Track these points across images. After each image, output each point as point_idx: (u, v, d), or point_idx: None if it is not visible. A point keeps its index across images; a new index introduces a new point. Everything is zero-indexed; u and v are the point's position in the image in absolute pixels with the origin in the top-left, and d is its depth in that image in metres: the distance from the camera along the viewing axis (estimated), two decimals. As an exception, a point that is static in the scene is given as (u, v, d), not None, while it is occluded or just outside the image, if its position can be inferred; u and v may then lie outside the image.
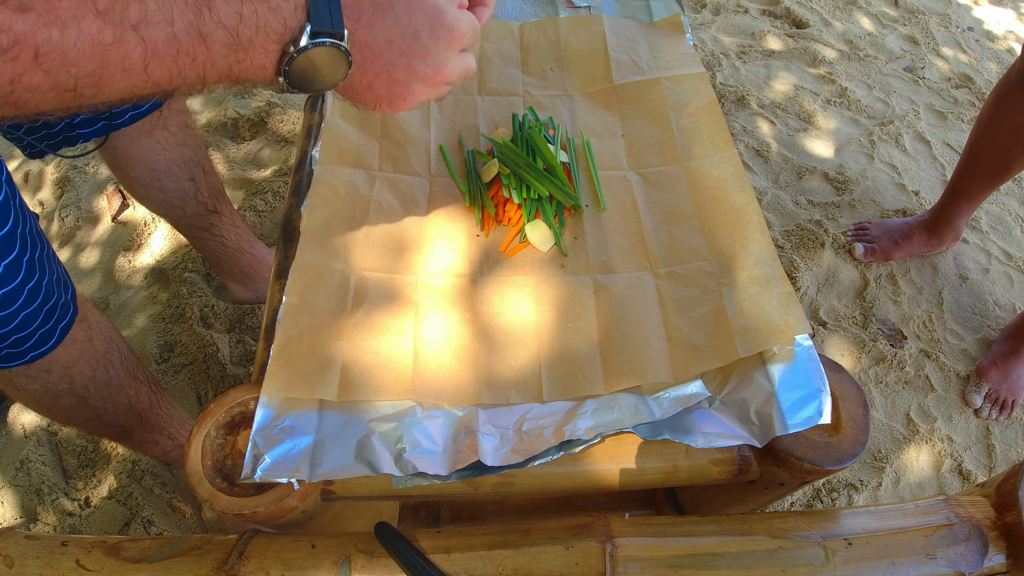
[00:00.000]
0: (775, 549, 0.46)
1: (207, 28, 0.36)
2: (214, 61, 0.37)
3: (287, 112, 1.71)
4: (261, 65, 0.40)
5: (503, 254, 0.64)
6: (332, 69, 0.43)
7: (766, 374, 0.54)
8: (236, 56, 0.38)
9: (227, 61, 0.38)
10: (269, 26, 0.39)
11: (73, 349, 0.75)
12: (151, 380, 0.94)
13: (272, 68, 0.41)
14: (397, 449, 0.50)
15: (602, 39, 0.84)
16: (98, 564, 0.45)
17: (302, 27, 0.40)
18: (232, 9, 0.37)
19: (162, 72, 0.36)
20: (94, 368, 0.79)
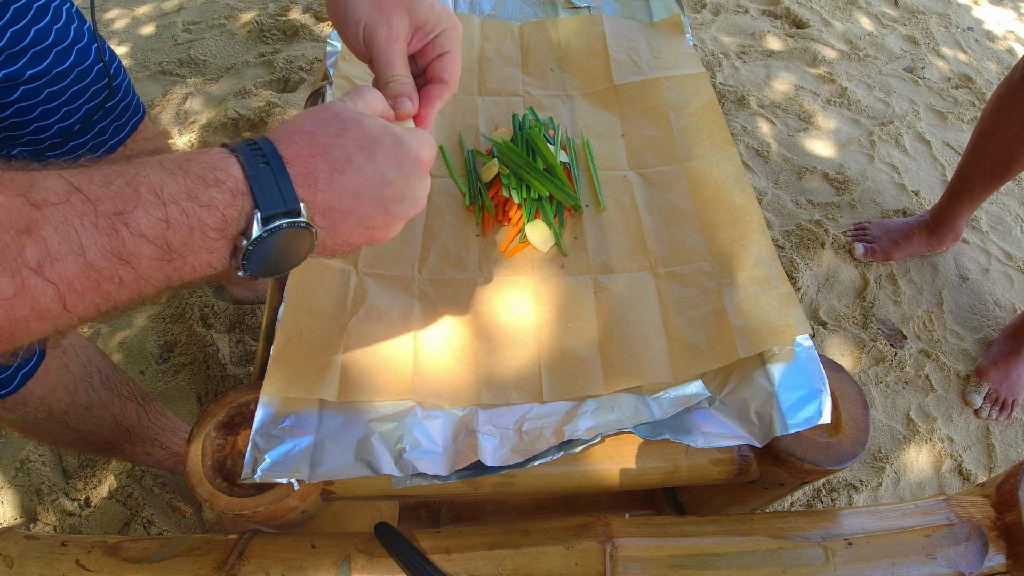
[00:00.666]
0: (775, 549, 0.46)
1: (128, 246, 0.31)
2: (146, 278, 0.32)
3: (287, 112, 1.71)
4: (207, 264, 0.35)
5: (503, 254, 0.64)
6: (296, 247, 0.37)
7: (766, 374, 0.54)
8: (172, 266, 0.33)
9: (163, 274, 0.33)
10: (205, 224, 0.33)
11: (47, 379, 0.73)
12: (137, 394, 0.92)
13: (223, 262, 0.35)
14: (397, 449, 0.50)
15: (602, 39, 0.84)
16: (98, 564, 0.45)
17: (248, 215, 0.34)
18: (154, 217, 0.31)
19: (86, 306, 0.31)
20: (72, 394, 0.77)
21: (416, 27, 0.48)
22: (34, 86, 0.66)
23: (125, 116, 0.80)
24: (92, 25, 0.72)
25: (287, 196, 0.35)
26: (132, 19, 2.10)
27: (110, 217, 0.30)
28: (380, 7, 0.47)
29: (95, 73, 0.72)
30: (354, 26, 0.47)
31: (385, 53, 0.47)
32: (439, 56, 0.50)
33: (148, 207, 0.31)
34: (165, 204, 0.32)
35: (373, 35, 0.47)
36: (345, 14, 0.47)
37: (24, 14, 0.63)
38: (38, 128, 0.70)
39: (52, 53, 0.66)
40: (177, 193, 0.32)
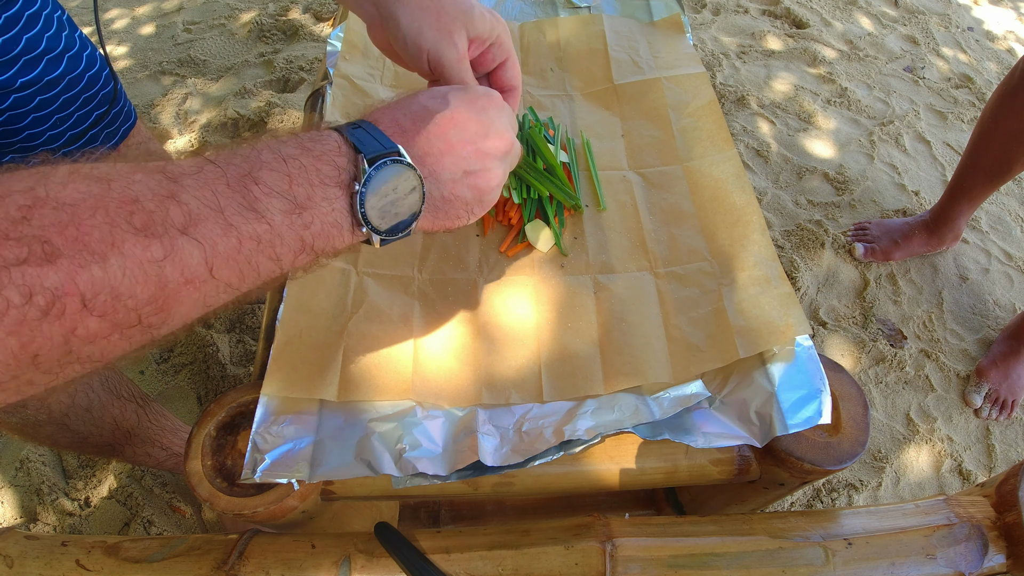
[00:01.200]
0: (775, 549, 0.46)
1: (260, 203, 0.33)
2: (281, 235, 0.34)
3: (287, 112, 1.71)
4: (334, 222, 0.37)
5: (503, 254, 0.64)
6: (407, 192, 0.39)
7: (766, 374, 0.54)
8: (301, 220, 0.35)
9: (294, 230, 0.35)
10: (322, 173, 0.36)
11: None
12: (137, 395, 0.92)
13: (346, 220, 0.37)
14: (397, 449, 0.50)
15: (602, 39, 0.84)
16: (98, 564, 0.45)
17: (355, 161, 0.37)
18: (279, 173, 0.34)
19: (230, 270, 0.32)
20: (72, 396, 0.77)
21: (472, 39, 0.50)
22: (25, 94, 0.66)
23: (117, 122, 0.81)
24: (98, 33, 0.72)
25: (383, 142, 0.38)
26: (132, 19, 2.10)
27: (240, 178, 0.33)
28: (441, 31, 0.48)
29: (86, 81, 0.73)
30: (417, 53, 0.49)
31: (456, 74, 0.49)
32: (500, 65, 0.53)
33: (272, 165, 0.34)
34: (285, 161, 0.35)
35: (440, 59, 0.49)
36: (406, 43, 0.49)
37: (15, 23, 0.63)
38: (29, 136, 0.70)
39: (43, 61, 0.67)
40: (293, 152, 0.35)
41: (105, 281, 0.28)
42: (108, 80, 0.77)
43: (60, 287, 0.27)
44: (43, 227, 0.27)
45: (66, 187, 0.28)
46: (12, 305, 0.25)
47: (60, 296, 0.27)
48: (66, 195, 0.28)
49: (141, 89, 1.84)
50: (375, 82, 0.77)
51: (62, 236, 0.27)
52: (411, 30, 0.48)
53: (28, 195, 0.27)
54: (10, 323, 0.26)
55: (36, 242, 0.26)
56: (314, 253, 0.37)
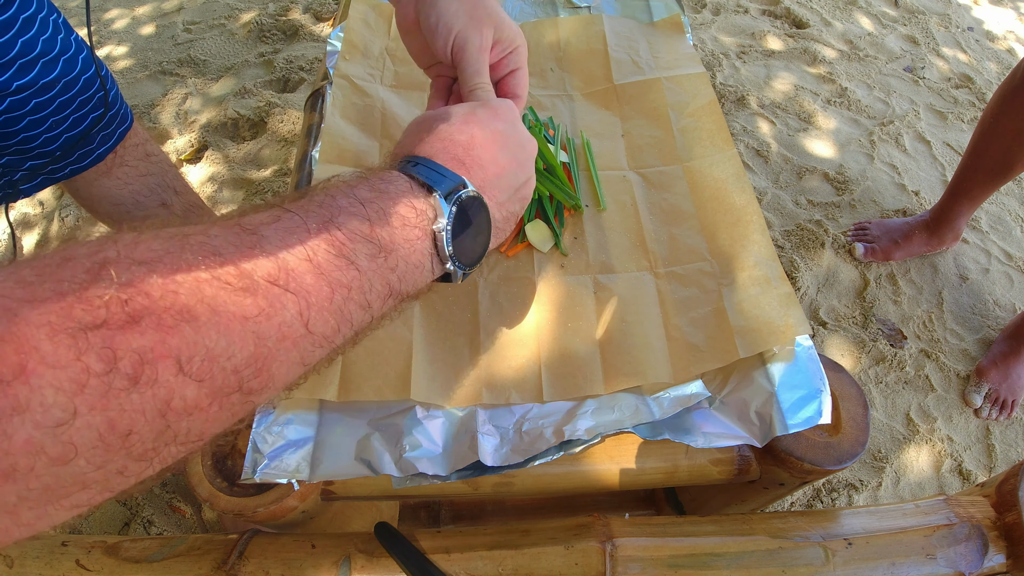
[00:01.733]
0: (775, 549, 0.46)
1: (347, 248, 0.32)
2: (370, 281, 0.33)
3: (287, 112, 1.71)
4: (417, 263, 0.36)
5: (503, 254, 0.64)
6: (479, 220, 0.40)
7: (766, 374, 0.54)
8: (387, 264, 0.34)
9: (381, 275, 0.34)
10: (401, 215, 0.35)
11: None
12: None
13: (427, 260, 0.37)
14: (397, 449, 0.50)
15: (602, 39, 0.84)
16: (98, 564, 0.45)
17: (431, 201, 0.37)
18: (359, 217, 0.33)
19: (325, 322, 0.30)
20: None
21: (496, 41, 0.51)
22: (21, 97, 0.66)
23: (113, 125, 0.81)
24: (88, 36, 0.73)
25: (449, 175, 0.38)
26: (132, 19, 2.10)
27: (322, 225, 0.31)
28: (473, 19, 0.50)
29: (82, 83, 0.73)
30: (445, 33, 0.50)
31: (475, 61, 0.50)
32: (511, 72, 0.54)
33: (351, 210, 0.33)
34: (363, 204, 0.34)
35: (465, 43, 0.50)
36: (436, 21, 0.50)
37: (10, 26, 0.63)
38: (25, 138, 0.70)
39: (39, 64, 0.67)
40: (368, 196, 0.34)
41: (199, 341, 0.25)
42: (104, 82, 0.77)
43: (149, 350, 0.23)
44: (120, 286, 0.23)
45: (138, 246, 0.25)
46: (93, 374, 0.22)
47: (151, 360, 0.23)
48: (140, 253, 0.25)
49: (141, 89, 1.84)
50: (375, 82, 0.77)
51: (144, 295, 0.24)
52: (447, 10, 0.50)
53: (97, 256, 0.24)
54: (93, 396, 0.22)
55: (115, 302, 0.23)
56: (400, 297, 0.36)
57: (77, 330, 0.22)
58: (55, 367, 0.21)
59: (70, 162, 0.79)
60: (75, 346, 0.21)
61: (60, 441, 0.21)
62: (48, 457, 0.21)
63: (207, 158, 1.65)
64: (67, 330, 0.21)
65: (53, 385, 0.21)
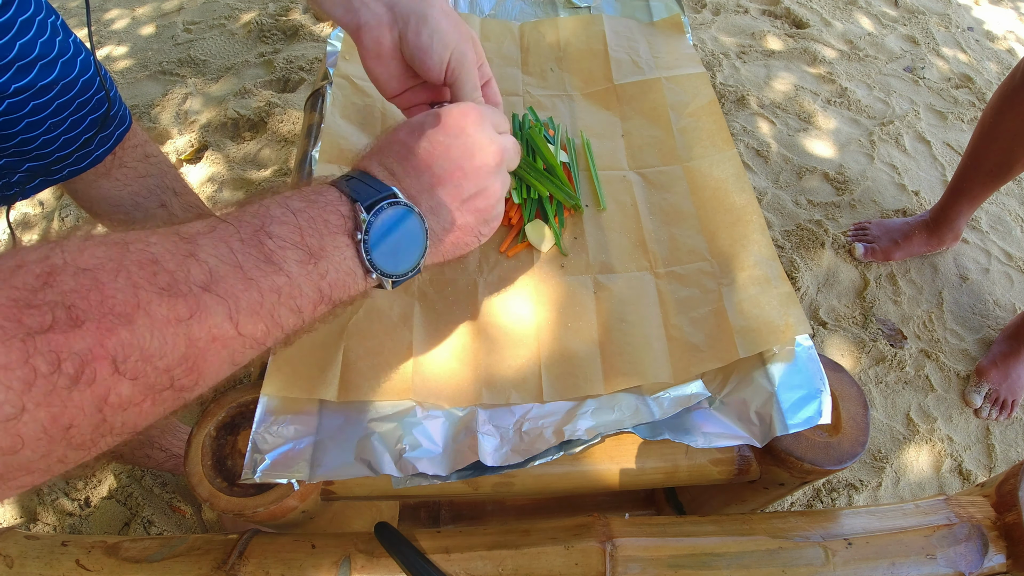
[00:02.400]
0: (775, 549, 0.46)
1: (276, 255, 0.33)
2: (299, 286, 0.34)
3: (287, 112, 1.71)
4: (347, 270, 0.37)
5: (503, 254, 0.64)
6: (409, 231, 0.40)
7: (766, 374, 0.54)
8: (317, 270, 0.35)
9: (311, 280, 0.35)
10: (328, 222, 0.37)
11: None
12: None
13: (358, 267, 0.38)
14: (397, 449, 0.50)
15: (602, 39, 0.84)
16: (98, 564, 0.45)
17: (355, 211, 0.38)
18: (289, 225, 0.35)
19: (254, 325, 0.32)
20: None
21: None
22: (19, 99, 0.67)
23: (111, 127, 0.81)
24: (89, 37, 0.73)
25: (377, 186, 0.39)
26: (132, 19, 2.10)
27: (254, 233, 0.33)
28: (463, 36, 0.51)
29: (80, 85, 0.73)
30: (440, 50, 0.50)
31: (472, 78, 0.52)
32: (486, 83, 0.55)
33: (282, 218, 0.35)
34: (294, 213, 0.35)
35: (463, 60, 0.51)
36: (431, 39, 0.50)
37: (8, 29, 0.64)
38: (23, 140, 0.70)
39: (37, 67, 0.67)
40: (299, 205, 0.36)
41: (134, 343, 0.27)
42: (102, 84, 0.77)
43: (89, 352, 0.25)
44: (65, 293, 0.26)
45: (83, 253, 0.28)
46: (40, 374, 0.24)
47: (90, 361, 0.26)
48: (84, 260, 0.27)
49: (141, 89, 1.84)
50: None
51: (86, 300, 0.26)
52: (439, 29, 0.50)
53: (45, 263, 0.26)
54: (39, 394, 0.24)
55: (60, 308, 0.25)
56: (331, 302, 0.37)
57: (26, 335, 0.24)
58: (6, 369, 0.24)
59: (68, 163, 0.79)
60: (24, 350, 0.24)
61: (9, 434, 0.24)
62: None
63: (207, 158, 1.65)
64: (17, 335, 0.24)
65: (4, 385, 0.23)
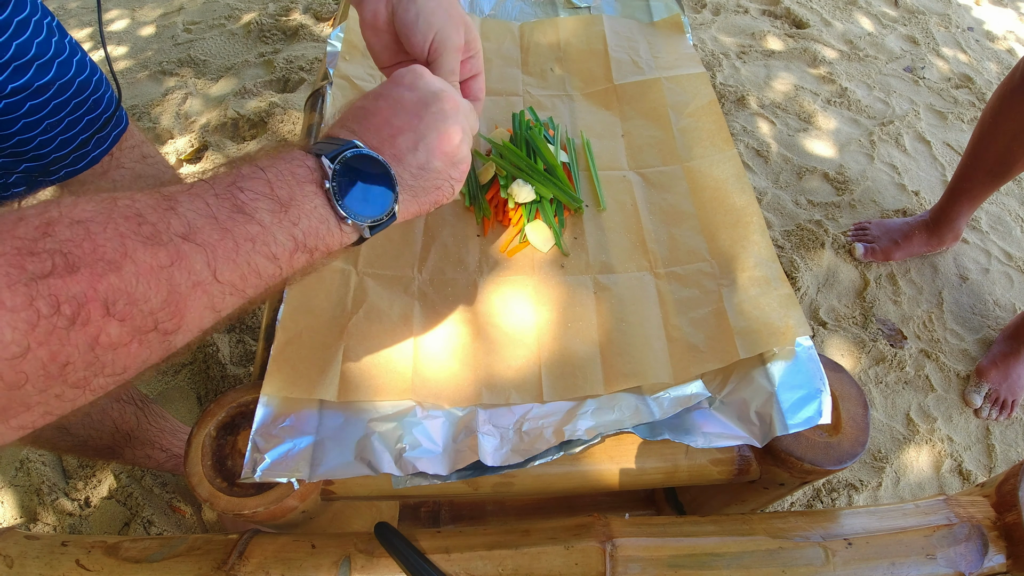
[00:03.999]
0: (775, 549, 0.46)
1: (248, 206, 0.36)
2: (273, 234, 0.37)
3: (287, 112, 1.71)
4: (320, 218, 0.39)
5: (503, 254, 0.64)
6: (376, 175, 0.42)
7: (766, 374, 0.54)
8: (288, 218, 0.38)
9: (284, 228, 0.37)
10: (296, 175, 0.39)
11: None
12: (136, 397, 0.92)
13: (331, 215, 0.40)
14: (397, 449, 0.50)
15: (602, 39, 0.84)
16: (98, 564, 0.45)
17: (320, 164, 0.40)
18: (260, 179, 0.37)
19: (232, 271, 0.35)
20: None
21: (466, 42, 0.54)
22: (15, 100, 0.67)
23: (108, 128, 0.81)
24: (100, 34, 0.73)
25: (337, 142, 0.42)
26: (132, 19, 2.10)
27: (227, 188, 0.36)
28: (451, 18, 0.52)
29: (76, 86, 0.73)
30: (424, 29, 0.52)
31: (451, 60, 0.53)
32: (473, 76, 0.57)
33: (252, 174, 0.38)
34: (263, 169, 0.38)
35: (445, 42, 0.52)
36: (416, 17, 0.52)
37: (4, 29, 0.64)
38: (20, 141, 0.70)
39: (33, 67, 0.67)
40: (268, 163, 0.39)
41: (122, 287, 0.30)
42: (99, 85, 0.77)
43: (83, 295, 0.28)
44: (62, 241, 0.29)
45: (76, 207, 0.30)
46: (42, 316, 0.27)
47: (84, 303, 0.28)
48: (77, 213, 0.30)
49: (141, 89, 1.84)
50: (375, 82, 0.77)
51: (80, 248, 0.29)
52: (426, 8, 0.51)
53: (43, 216, 0.29)
54: (41, 334, 0.27)
55: (58, 255, 0.28)
56: (308, 251, 0.39)
57: (29, 280, 0.27)
58: (13, 311, 0.26)
59: (65, 164, 0.79)
60: (28, 293, 0.27)
61: (15, 370, 0.27)
62: (4, 383, 0.27)
63: (207, 158, 1.65)
64: (22, 280, 0.27)
65: (11, 325, 0.26)
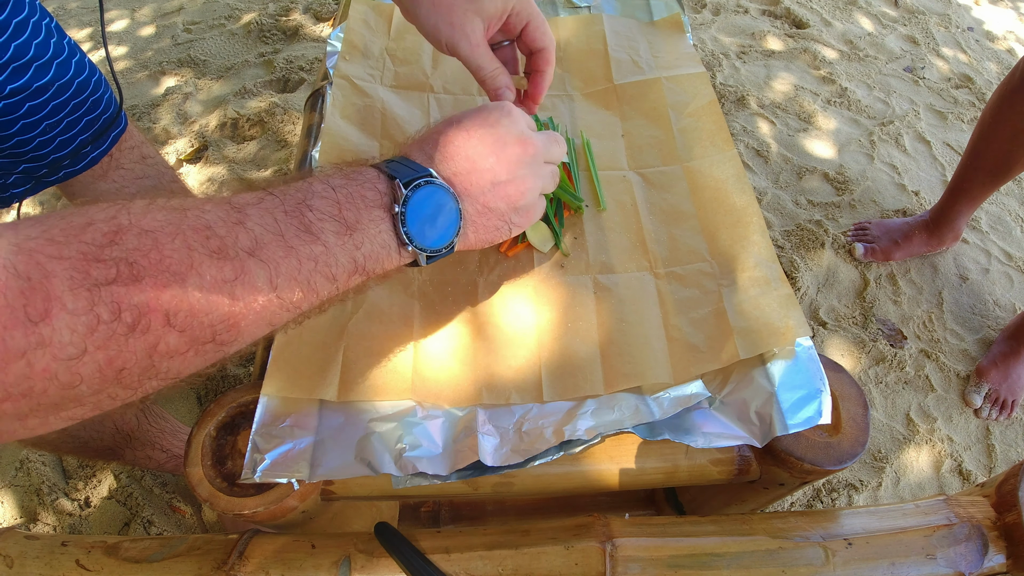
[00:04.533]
0: (775, 549, 0.46)
1: (315, 226, 0.36)
2: (335, 256, 0.37)
3: (287, 112, 1.71)
4: (382, 243, 0.40)
5: (503, 254, 0.64)
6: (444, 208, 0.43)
7: (766, 374, 0.54)
8: (352, 241, 0.38)
9: (347, 251, 0.38)
10: (365, 198, 0.40)
11: None
12: None
13: (393, 241, 0.41)
14: (397, 449, 0.50)
15: (602, 39, 0.84)
16: (98, 564, 0.45)
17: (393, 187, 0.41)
18: (329, 200, 0.38)
19: (292, 289, 0.35)
20: None
21: (487, 21, 0.53)
22: (14, 101, 0.67)
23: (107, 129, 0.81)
24: (102, 34, 0.73)
25: (414, 167, 0.42)
26: (132, 19, 2.10)
27: (296, 205, 0.37)
28: (454, 24, 0.52)
29: (75, 87, 0.73)
30: (436, 44, 0.54)
31: (472, 61, 0.54)
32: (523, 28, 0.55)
33: (322, 194, 0.38)
34: (335, 189, 0.39)
35: (456, 50, 0.53)
36: (426, 35, 0.54)
37: (3, 30, 0.64)
38: (19, 142, 0.70)
39: (32, 68, 0.67)
40: (340, 182, 0.40)
41: (185, 300, 0.30)
42: (97, 86, 0.77)
43: (146, 304, 0.29)
44: (129, 251, 0.29)
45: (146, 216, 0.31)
46: (102, 321, 0.28)
47: (146, 313, 0.29)
48: (147, 223, 0.31)
49: (141, 89, 1.84)
50: (375, 82, 0.77)
51: (147, 259, 0.30)
52: (428, 24, 0.53)
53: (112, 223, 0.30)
54: (99, 338, 0.28)
55: (123, 264, 0.29)
56: (366, 273, 0.40)
57: (93, 286, 0.28)
58: (74, 314, 0.27)
59: (64, 165, 0.79)
60: (90, 298, 0.27)
61: (70, 371, 0.28)
62: (59, 383, 0.27)
63: (207, 158, 1.65)
64: (85, 285, 0.27)
65: (70, 328, 0.27)
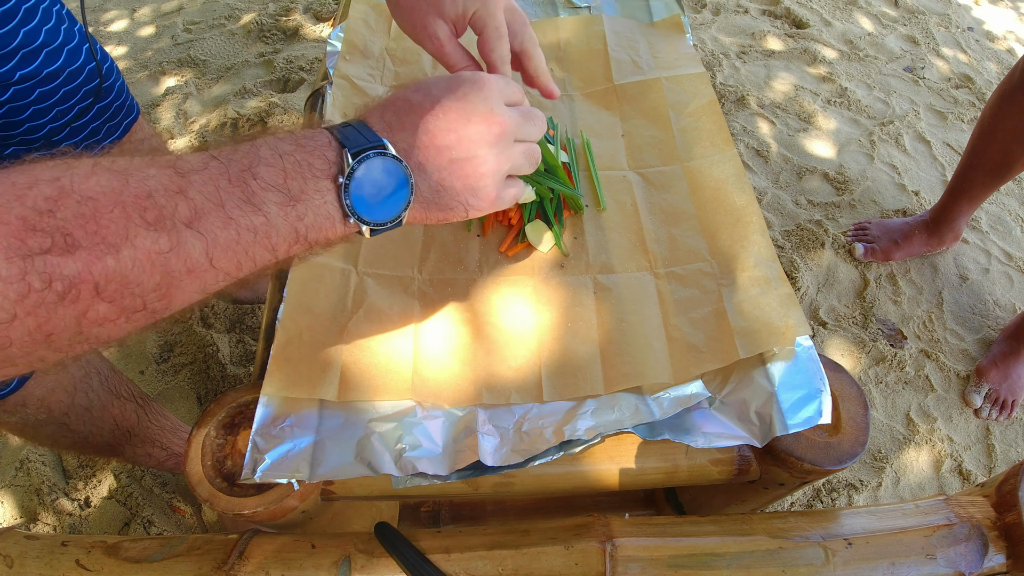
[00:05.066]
0: (775, 549, 0.46)
1: (257, 197, 0.35)
2: (276, 227, 0.36)
3: (287, 112, 1.71)
4: (326, 214, 0.38)
5: (503, 254, 0.64)
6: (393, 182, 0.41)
7: (766, 374, 0.54)
8: (295, 212, 0.37)
9: (288, 222, 0.37)
10: (313, 167, 0.38)
11: (47, 380, 0.73)
12: (137, 395, 0.92)
13: (337, 212, 0.39)
14: (397, 449, 0.50)
15: (602, 39, 0.84)
16: (98, 564, 0.45)
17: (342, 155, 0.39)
18: (275, 168, 0.37)
19: (229, 260, 0.35)
20: (72, 395, 0.77)
21: (453, 21, 0.53)
22: (25, 87, 0.66)
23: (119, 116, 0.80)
24: (83, 25, 0.72)
25: (369, 136, 0.40)
26: (132, 19, 2.10)
27: (240, 173, 0.36)
28: (416, 25, 0.53)
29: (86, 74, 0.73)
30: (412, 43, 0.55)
31: (440, 59, 0.55)
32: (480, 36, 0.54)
33: (269, 161, 0.37)
34: (281, 156, 0.37)
35: (425, 48, 0.54)
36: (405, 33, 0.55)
37: (12, 16, 0.63)
38: (30, 128, 0.70)
39: (42, 54, 0.67)
40: (288, 148, 0.38)
41: (117, 271, 0.31)
42: (108, 73, 0.77)
43: (77, 276, 0.29)
44: (66, 220, 0.29)
45: (88, 180, 0.31)
46: (33, 290, 0.28)
47: (76, 284, 0.29)
48: (88, 188, 0.31)
49: (141, 89, 1.84)
50: (375, 82, 0.77)
51: (83, 229, 0.30)
52: (401, 24, 0.54)
53: (54, 185, 0.30)
54: (30, 305, 0.29)
55: (59, 234, 0.29)
56: (308, 243, 0.39)
57: (27, 255, 0.28)
58: (6, 281, 0.28)
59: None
60: (23, 267, 0.28)
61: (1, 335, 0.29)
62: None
63: (207, 158, 1.65)
64: (20, 254, 0.28)
65: (2, 294, 0.28)
